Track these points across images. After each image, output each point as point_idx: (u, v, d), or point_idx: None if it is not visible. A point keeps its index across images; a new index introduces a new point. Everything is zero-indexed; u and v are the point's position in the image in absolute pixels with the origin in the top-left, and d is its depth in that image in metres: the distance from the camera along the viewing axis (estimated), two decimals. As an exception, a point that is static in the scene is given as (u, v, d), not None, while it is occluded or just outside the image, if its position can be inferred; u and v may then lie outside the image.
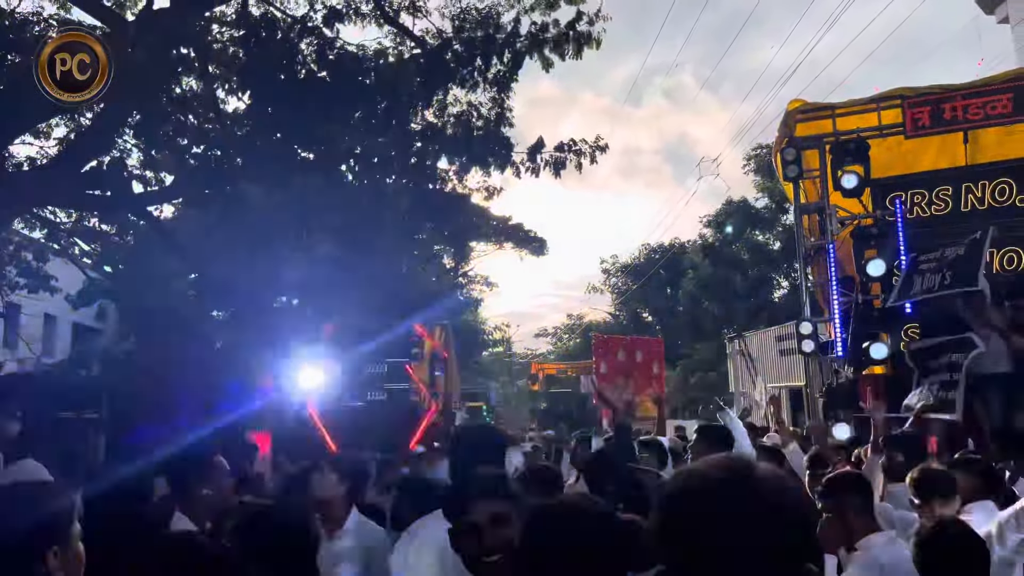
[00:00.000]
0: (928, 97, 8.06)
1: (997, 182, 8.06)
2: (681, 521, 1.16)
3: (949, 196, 8.24)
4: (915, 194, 8.33)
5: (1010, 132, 8.21)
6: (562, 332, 50.27)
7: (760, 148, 27.59)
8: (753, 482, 1.16)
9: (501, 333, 31.69)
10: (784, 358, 15.41)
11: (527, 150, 11.25)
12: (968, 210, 8.16)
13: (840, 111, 8.50)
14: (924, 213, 8.29)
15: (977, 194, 8.13)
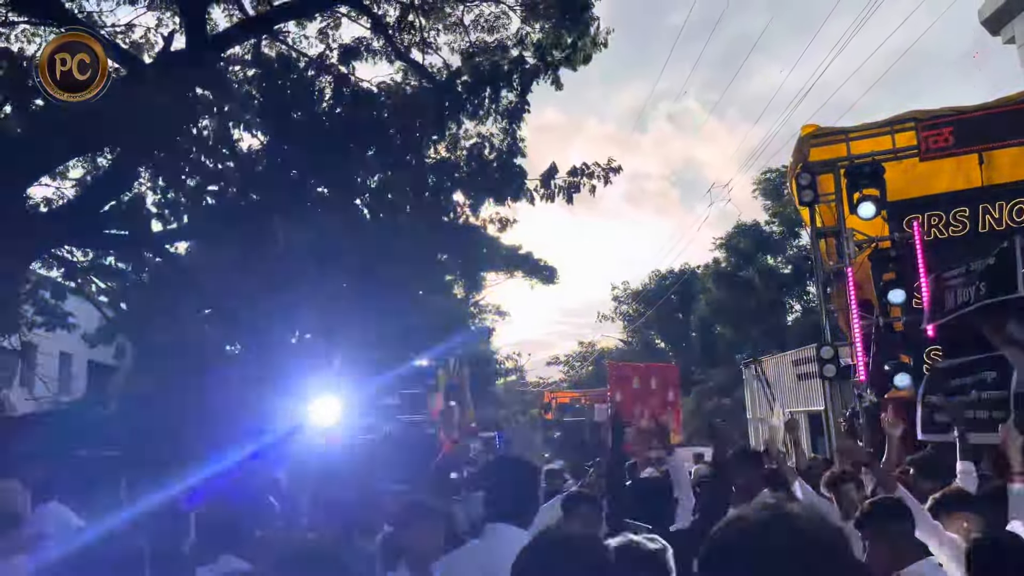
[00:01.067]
0: (941, 119, 8.10)
1: (1015, 202, 8.05)
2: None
3: (967, 217, 8.23)
4: (932, 216, 8.32)
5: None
6: (574, 360, 50.21)
7: (769, 172, 27.71)
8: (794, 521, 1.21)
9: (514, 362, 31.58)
10: (802, 382, 15.31)
11: (540, 177, 11.33)
12: (986, 231, 8.14)
13: (854, 135, 8.54)
14: (942, 235, 8.27)
15: (995, 214, 8.12)
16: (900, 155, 8.33)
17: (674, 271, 35.53)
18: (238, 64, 10.34)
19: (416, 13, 13.68)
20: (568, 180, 11.16)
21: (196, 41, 10.84)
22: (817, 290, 8.78)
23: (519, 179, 11.48)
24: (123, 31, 13.16)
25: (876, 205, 8.01)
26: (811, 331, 24.53)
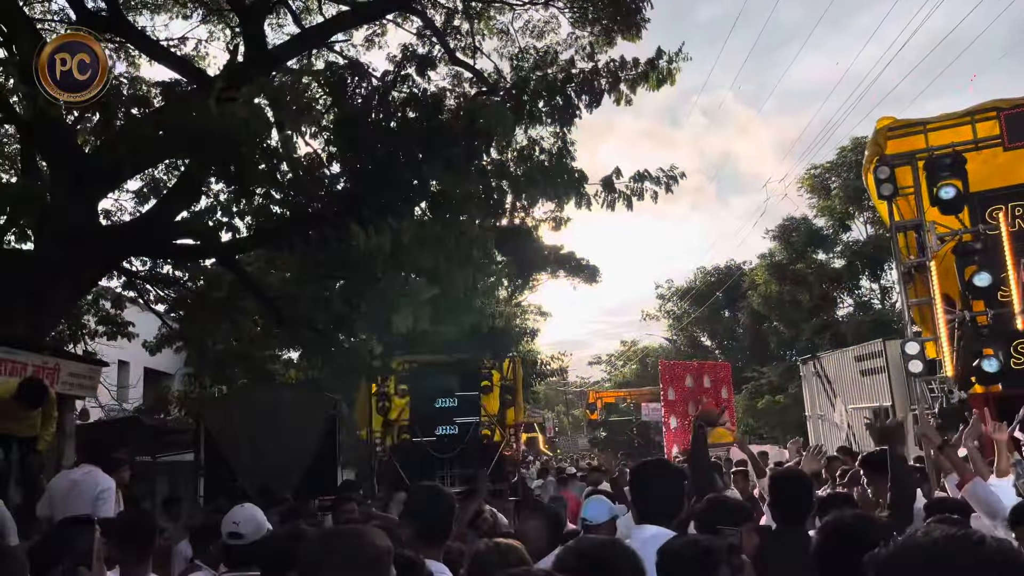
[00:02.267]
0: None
1: (1103, 190, 7.85)
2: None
3: (1053, 207, 8.05)
4: (1016, 206, 8.15)
5: (1113, 140, 8.01)
6: (615, 359, 50.00)
7: (814, 168, 27.32)
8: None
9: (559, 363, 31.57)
10: (866, 378, 15.07)
11: (601, 181, 11.26)
12: (1074, 220, 7.95)
13: (932, 126, 8.39)
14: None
15: (1082, 203, 7.93)
16: (982, 145, 8.16)
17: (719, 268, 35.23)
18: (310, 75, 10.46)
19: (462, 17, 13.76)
20: (630, 186, 11.09)
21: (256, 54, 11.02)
22: (899, 285, 8.63)
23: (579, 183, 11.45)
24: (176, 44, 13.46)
25: (958, 196, 7.86)
26: (864, 327, 24.15)
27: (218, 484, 10.08)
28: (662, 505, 3.16)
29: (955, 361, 8.01)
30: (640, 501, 3.24)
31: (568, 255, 29.73)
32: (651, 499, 3.21)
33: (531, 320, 32.99)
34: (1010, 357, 7.90)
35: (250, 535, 3.55)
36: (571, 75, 10.14)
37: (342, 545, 1.98)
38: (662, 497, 3.19)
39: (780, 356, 29.58)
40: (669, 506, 3.16)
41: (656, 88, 10.24)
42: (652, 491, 3.23)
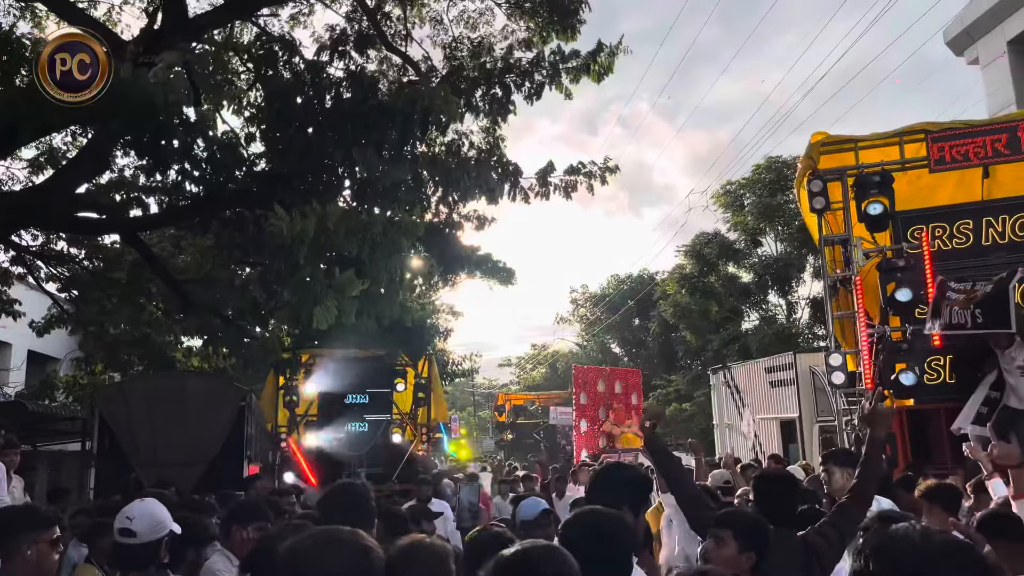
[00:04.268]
0: (951, 132, 8.18)
1: (1017, 216, 8.19)
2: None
3: (970, 230, 8.34)
4: (936, 227, 8.41)
5: (1028, 168, 8.38)
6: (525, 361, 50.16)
7: (729, 184, 28.04)
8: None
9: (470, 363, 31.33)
10: (775, 390, 15.44)
11: (536, 174, 11.14)
12: (989, 244, 8.26)
13: (863, 144, 8.58)
14: (946, 246, 8.37)
15: (998, 228, 8.25)
16: (908, 166, 8.39)
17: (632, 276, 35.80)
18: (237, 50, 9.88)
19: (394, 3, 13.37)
20: (565, 179, 11.01)
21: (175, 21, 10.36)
22: (825, 298, 8.79)
23: (514, 176, 11.27)
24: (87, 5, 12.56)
25: (885, 214, 8.06)
26: (768, 340, 24.93)
27: (111, 476, 9.38)
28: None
29: (873, 374, 8.19)
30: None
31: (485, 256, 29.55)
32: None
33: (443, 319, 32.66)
34: (924, 373, 8.14)
35: (144, 534, 3.18)
36: (511, 64, 9.94)
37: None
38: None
39: (687, 366, 30.23)
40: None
41: (597, 80, 10.19)
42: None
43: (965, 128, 8.20)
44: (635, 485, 3.07)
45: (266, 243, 8.09)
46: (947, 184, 8.76)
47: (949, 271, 8.24)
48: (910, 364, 7.97)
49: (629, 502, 2.97)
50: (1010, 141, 7.97)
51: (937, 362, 8.26)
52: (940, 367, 8.24)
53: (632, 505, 2.95)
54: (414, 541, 2.34)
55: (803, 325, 26.41)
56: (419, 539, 2.38)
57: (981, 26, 18.24)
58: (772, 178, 25.84)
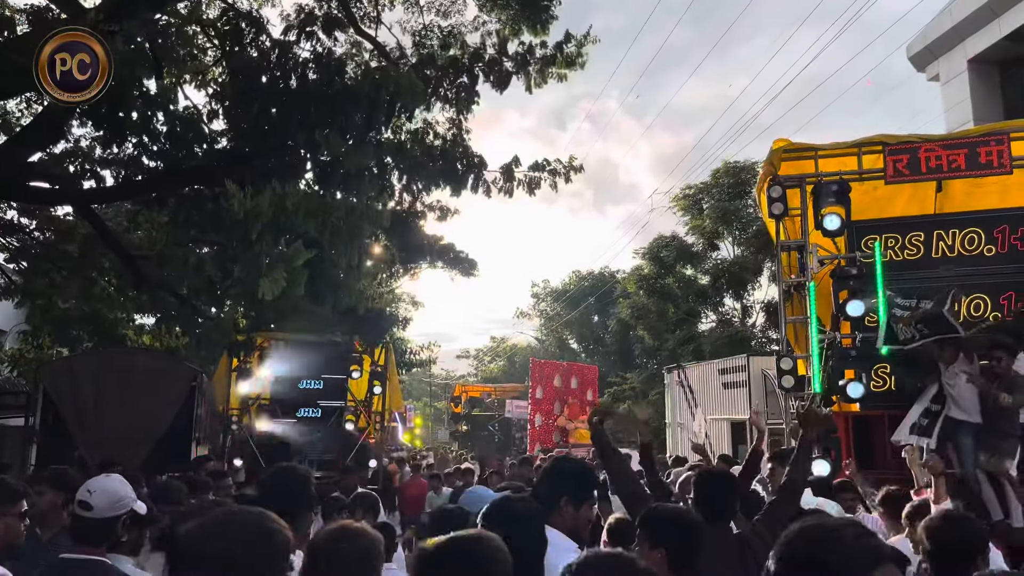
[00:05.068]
0: (908, 145, 8.37)
1: (966, 231, 8.41)
2: None
3: (921, 242, 8.54)
4: (889, 238, 8.60)
5: (978, 184, 8.60)
6: (484, 354, 50.19)
7: (689, 188, 28.34)
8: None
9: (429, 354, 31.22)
10: (727, 391, 15.68)
11: (501, 168, 11.14)
12: (939, 256, 8.47)
13: (823, 153, 8.72)
14: (897, 257, 8.56)
15: (948, 241, 8.46)
16: (865, 176, 8.56)
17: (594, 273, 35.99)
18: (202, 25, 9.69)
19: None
20: (529, 174, 11.02)
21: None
22: (780, 302, 8.93)
23: (479, 168, 11.26)
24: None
25: (841, 223, 8.21)
26: (722, 342, 25.27)
27: (54, 453, 9.17)
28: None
29: (822, 379, 8.35)
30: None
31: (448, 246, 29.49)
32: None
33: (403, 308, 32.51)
34: (871, 380, 8.33)
35: (101, 510, 3.12)
36: (479, 54, 9.91)
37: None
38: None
39: (643, 364, 30.51)
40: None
41: (565, 68, 10.19)
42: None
43: (921, 142, 8.39)
44: (576, 477, 3.10)
45: (224, 222, 7.97)
46: (902, 196, 8.96)
47: (900, 281, 8.45)
48: (858, 371, 8.14)
49: (571, 492, 2.99)
50: (967, 157, 8.17)
51: (884, 370, 8.46)
52: (886, 375, 8.44)
53: (574, 496, 2.97)
54: (342, 526, 2.31)
55: (757, 329, 26.83)
56: (346, 524, 2.34)
57: (943, 43, 18.69)
58: (731, 183, 26.18)
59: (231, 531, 1.75)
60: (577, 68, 10.22)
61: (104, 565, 3.02)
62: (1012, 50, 17.41)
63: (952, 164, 8.40)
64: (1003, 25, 16.85)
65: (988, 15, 17.07)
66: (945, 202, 8.89)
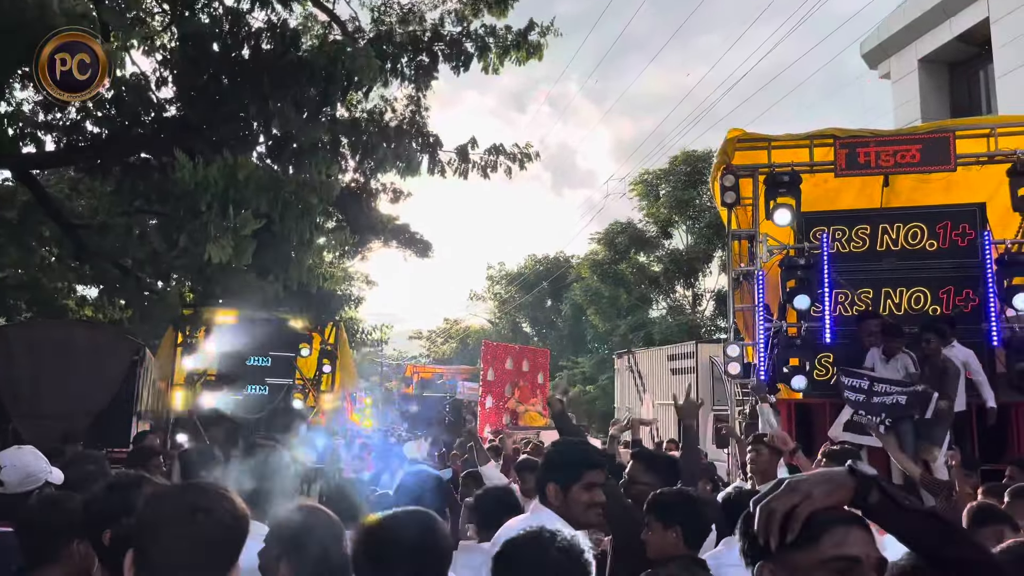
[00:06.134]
0: (858, 140, 8.51)
1: (910, 226, 8.60)
2: None
3: (867, 235, 8.71)
4: (837, 230, 8.75)
5: (924, 180, 8.81)
6: (436, 335, 50.06)
7: (647, 174, 28.54)
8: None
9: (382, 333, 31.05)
10: (675, 377, 15.88)
11: (456, 149, 11.02)
12: (883, 249, 8.66)
13: (776, 144, 8.83)
14: (844, 249, 8.72)
15: (892, 235, 8.65)
16: (816, 169, 8.70)
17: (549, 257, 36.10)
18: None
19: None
20: (484, 158, 10.92)
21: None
22: (729, 291, 9.05)
23: (433, 148, 11.14)
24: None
25: (791, 213, 8.34)
26: (672, 329, 25.60)
27: (-16, 426, 8.88)
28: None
29: (767, 367, 8.51)
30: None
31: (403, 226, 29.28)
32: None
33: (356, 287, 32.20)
34: (814, 369, 8.50)
35: (12, 485, 3.03)
36: (440, 33, 9.77)
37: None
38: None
39: (594, 349, 30.75)
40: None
41: (525, 60, 10.12)
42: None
43: (871, 137, 8.55)
44: (559, 462, 3.03)
45: (172, 192, 7.75)
46: (850, 189, 9.13)
47: (846, 273, 8.63)
48: (802, 359, 8.30)
49: (555, 478, 2.93)
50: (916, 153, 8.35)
51: (827, 359, 8.64)
52: (829, 364, 8.62)
53: (560, 481, 2.91)
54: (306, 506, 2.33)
55: (707, 316, 27.23)
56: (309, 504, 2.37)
57: (895, 42, 19.04)
58: (688, 171, 26.43)
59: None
60: (537, 58, 10.12)
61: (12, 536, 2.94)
62: (962, 51, 17.83)
63: (899, 160, 8.59)
64: (954, 26, 17.23)
65: (940, 16, 17.43)
66: (891, 197, 9.09)
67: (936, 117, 16.50)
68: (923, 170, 8.57)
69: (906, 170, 8.59)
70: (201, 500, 1.60)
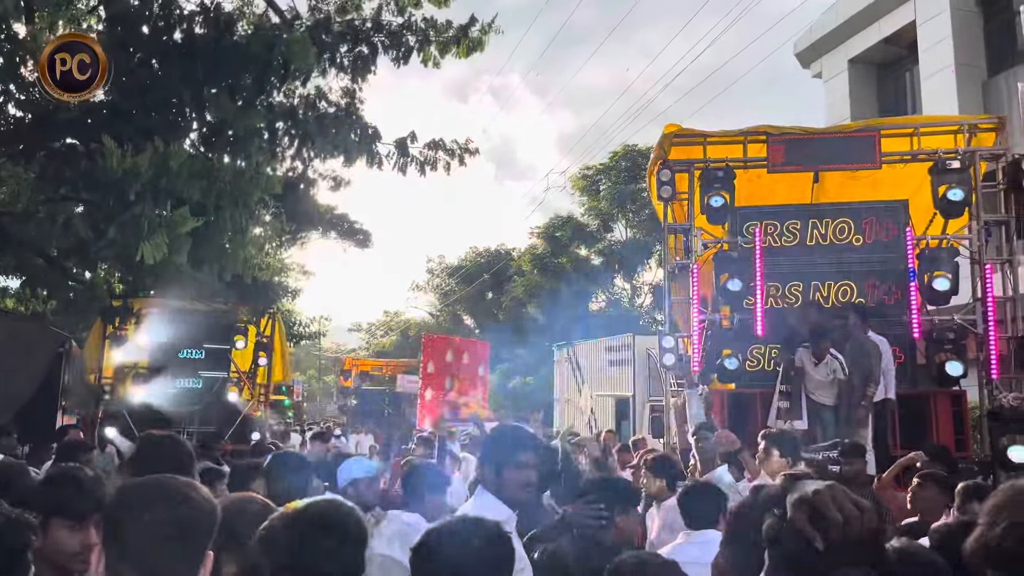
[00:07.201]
0: (790, 137, 8.75)
1: (838, 221, 8.89)
2: None
3: (798, 229, 8.97)
4: (768, 224, 8.98)
5: (852, 177, 9.10)
6: (376, 327, 49.59)
7: (587, 169, 28.78)
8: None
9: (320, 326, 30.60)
10: (613, 368, 16.10)
11: (395, 143, 10.95)
12: (813, 244, 8.93)
13: (711, 140, 9.01)
14: (775, 243, 8.96)
15: (821, 230, 8.92)
16: (750, 164, 8.90)
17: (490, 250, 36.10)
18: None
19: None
20: (424, 153, 10.87)
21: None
22: (665, 283, 9.21)
23: (372, 140, 11.03)
24: None
25: (725, 208, 8.53)
26: (614, 321, 25.89)
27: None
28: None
29: (701, 358, 8.70)
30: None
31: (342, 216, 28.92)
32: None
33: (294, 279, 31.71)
34: (746, 360, 8.73)
35: None
36: (380, 24, 9.67)
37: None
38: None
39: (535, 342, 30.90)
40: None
41: (466, 55, 10.09)
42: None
43: (802, 134, 8.79)
44: (492, 445, 3.16)
45: (99, 180, 7.51)
46: (782, 185, 9.36)
47: (777, 267, 8.87)
48: (734, 350, 8.52)
49: (488, 460, 3.08)
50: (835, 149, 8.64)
51: (758, 350, 8.88)
52: (761, 355, 8.86)
53: (493, 463, 3.05)
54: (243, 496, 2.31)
55: (645, 309, 27.63)
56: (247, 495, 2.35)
57: (826, 43, 19.59)
58: (628, 165, 26.73)
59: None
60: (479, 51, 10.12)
61: None
62: (889, 52, 18.45)
63: (828, 156, 8.86)
64: (882, 28, 17.81)
65: (869, 18, 18.00)
66: (821, 193, 9.36)
67: (865, 116, 17.03)
68: (850, 167, 8.86)
69: (834, 167, 8.87)
70: (179, 489, 1.67)
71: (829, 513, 1.13)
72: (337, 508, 1.79)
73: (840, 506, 1.13)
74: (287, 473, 3.89)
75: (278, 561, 1.65)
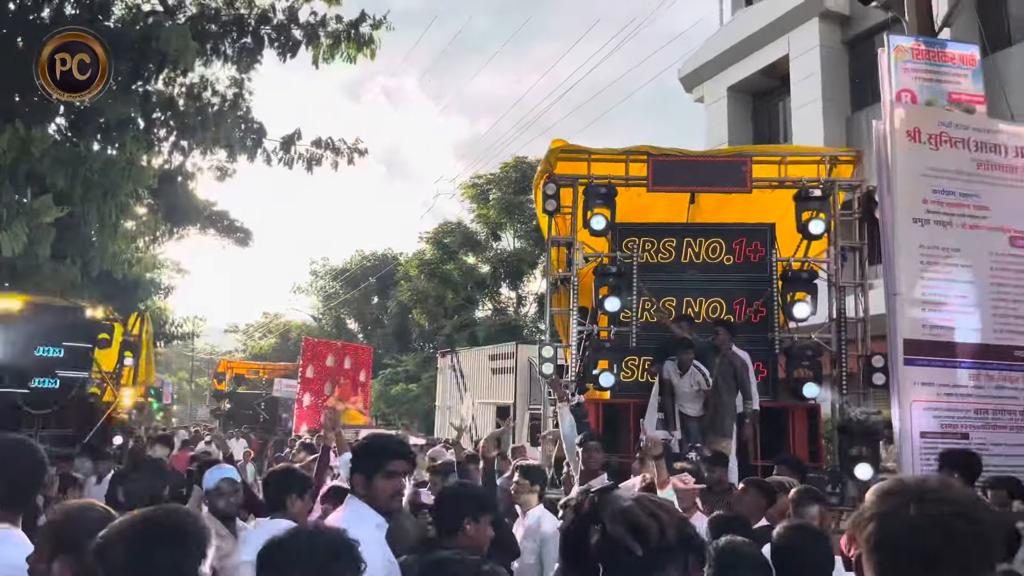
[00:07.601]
0: (669, 158, 9.12)
1: (711, 241, 9.33)
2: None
3: (673, 247, 9.35)
4: (646, 241, 9.33)
5: (726, 200, 9.57)
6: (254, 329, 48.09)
7: (478, 178, 29.00)
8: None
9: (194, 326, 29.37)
10: (496, 376, 16.24)
11: (281, 140, 10.70)
12: (687, 261, 9.33)
13: (595, 156, 9.27)
14: (652, 259, 9.31)
15: (695, 249, 9.34)
16: (631, 183, 9.21)
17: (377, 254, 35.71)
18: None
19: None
20: (311, 150, 10.66)
21: None
22: (548, 294, 9.38)
23: (258, 136, 10.74)
24: None
25: (606, 223, 8.79)
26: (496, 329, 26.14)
27: None
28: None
29: (579, 368, 8.91)
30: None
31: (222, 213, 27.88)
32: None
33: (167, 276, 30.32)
34: (621, 371, 9.01)
35: None
36: (267, 17, 9.43)
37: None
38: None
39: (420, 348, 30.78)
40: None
41: (355, 56, 9.95)
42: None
43: (681, 156, 9.19)
44: (361, 453, 3.12)
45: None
46: (661, 204, 9.75)
47: (652, 282, 9.21)
48: (610, 361, 8.77)
49: (358, 468, 3.02)
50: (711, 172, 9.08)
51: (633, 362, 9.18)
52: (635, 366, 9.16)
53: (363, 471, 2.99)
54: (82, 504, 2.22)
55: (529, 319, 28.01)
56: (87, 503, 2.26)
57: (708, 69, 20.49)
58: (518, 177, 27.09)
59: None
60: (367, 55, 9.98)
61: None
62: (765, 83, 19.47)
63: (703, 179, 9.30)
64: (760, 59, 18.80)
65: (748, 49, 18.96)
66: (697, 213, 9.80)
67: (741, 141, 17.93)
68: (723, 190, 9.32)
69: (708, 189, 9.30)
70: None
71: (642, 521, 1.24)
72: (176, 515, 1.75)
73: (651, 513, 1.25)
74: (143, 479, 3.74)
75: (111, 569, 1.61)
